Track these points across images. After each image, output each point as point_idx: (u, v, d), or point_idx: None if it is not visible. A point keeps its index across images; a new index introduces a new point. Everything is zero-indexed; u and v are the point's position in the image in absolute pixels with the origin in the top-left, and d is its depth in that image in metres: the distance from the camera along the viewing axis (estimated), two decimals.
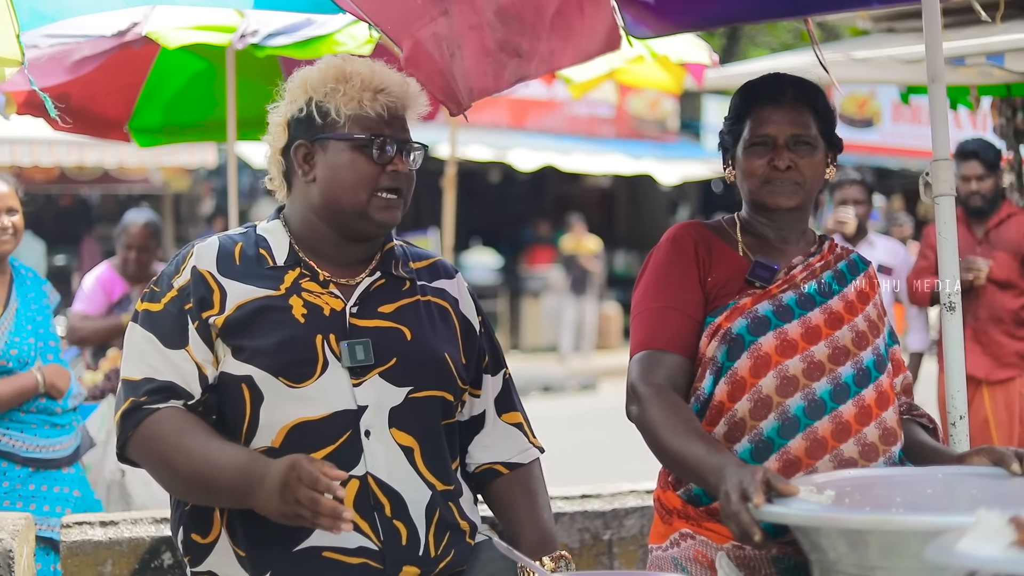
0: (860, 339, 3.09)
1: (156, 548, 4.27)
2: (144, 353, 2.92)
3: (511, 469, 3.20)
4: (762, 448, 2.98)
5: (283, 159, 3.03)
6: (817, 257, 3.19)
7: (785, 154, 3.10)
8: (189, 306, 2.92)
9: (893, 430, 3.06)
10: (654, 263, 3.20)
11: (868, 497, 2.71)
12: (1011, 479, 2.84)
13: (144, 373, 2.89)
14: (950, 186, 3.32)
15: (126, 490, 5.84)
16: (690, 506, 3.09)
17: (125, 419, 2.88)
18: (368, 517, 2.87)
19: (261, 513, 2.72)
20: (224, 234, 3.07)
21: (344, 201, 2.95)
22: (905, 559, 2.43)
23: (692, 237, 3.18)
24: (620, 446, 12.56)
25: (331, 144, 2.95)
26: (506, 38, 2.71)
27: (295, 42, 5.40)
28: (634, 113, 23.26)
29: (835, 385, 3.02)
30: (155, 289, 2.99)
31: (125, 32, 5.24)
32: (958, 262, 3.33)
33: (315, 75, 2.98)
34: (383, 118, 2.96)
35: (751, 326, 3.04)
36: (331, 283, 2.99)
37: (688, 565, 3.06)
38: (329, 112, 2.94)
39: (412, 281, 3.09)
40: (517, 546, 3.07)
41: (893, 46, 8.47)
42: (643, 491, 4.78)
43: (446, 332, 3.09)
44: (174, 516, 3.01)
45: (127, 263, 7.49)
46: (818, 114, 3.13)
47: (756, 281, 3.11)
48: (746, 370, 3.02)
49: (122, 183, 18.61)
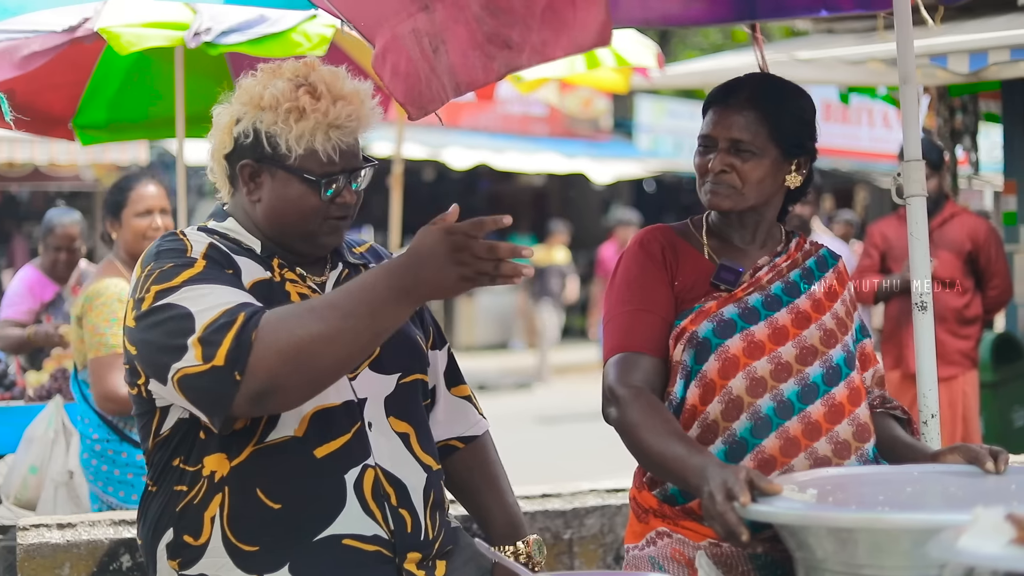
0: (828, 337, 3.10)
1: (115, 550, 4.21)
2: (223, 293, 2.70)
3: (466, 443, 3.23)
4: (736, 448, 2.99)
5: (227, 163, 2.92)
6: (783, 257, 3.20)
7: (722, 157, 3.10)
8: (229, 272, 2.79)
9: (866, 426, 3.08)
10: (623, 267, 3.20)
11: (850, 495, 2.72)
12: (986, 476, 2.87)
13: (235, 300, 2.68)
14: (921, 186, 3.35)
15: (74, 491, 5.74)
16: (666, 505, 3.10)
17: (244, 327, 2.61)
18: (381, 507, 2.85)
19: (430, 294, 2.59)
20: (180, 230, 2.93)
21: (289, 228, 2.89)
22: (893, 557, 2.45)
23: (659, 241, 3.18)
24: (552, 445, 12.64)
25: (280, 173, 2.85)
26: (495, 30, 2.68)
27: (249, 40, 5.35)
28: (568, 112, 23.31)
29: (803, 386, 3.03)
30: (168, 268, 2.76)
31: (76, 28, 5.15)
32: (929, 261, 3.36)
33: (268, 99, 2.83)
34: (333, 157, 2.84)
35: (717, 329, 3.05)
36: (307, 278, 2.95)
37: (665, 564, 3.07)
38: (279, 145, 2.82)
39: (366, 267, 3.07)
40: (487, 531, 3.14)
41: (833, 47, 8.56)
42: (603, 490, 4.79)
43: None
44: (148, 518, 2.91)
45: (56, 264, 7.41)
46: (771, 120, 3.10)
47: (721, 284, 3.12)
48: (715, 372, 3.03)
49: (53, 180, 18.35)
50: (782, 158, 3.12)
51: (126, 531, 4.25)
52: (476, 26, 2.75)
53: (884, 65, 7.77)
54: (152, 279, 2.76)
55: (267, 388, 2.62)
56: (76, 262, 7.46)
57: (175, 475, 2.86)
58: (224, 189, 2.98)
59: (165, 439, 2.87)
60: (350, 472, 2.83)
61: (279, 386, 2.63)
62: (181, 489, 2.84)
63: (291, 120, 2.80)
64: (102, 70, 6.59)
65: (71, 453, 5.82)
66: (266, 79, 2.87)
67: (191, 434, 2.84)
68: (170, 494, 2.86)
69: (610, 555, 4.69)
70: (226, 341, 2.61)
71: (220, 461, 2.82)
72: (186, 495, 2.84)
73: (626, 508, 4.72)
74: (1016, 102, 8.86)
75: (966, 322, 7.52)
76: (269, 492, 2.80)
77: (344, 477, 2.83)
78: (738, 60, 9.19)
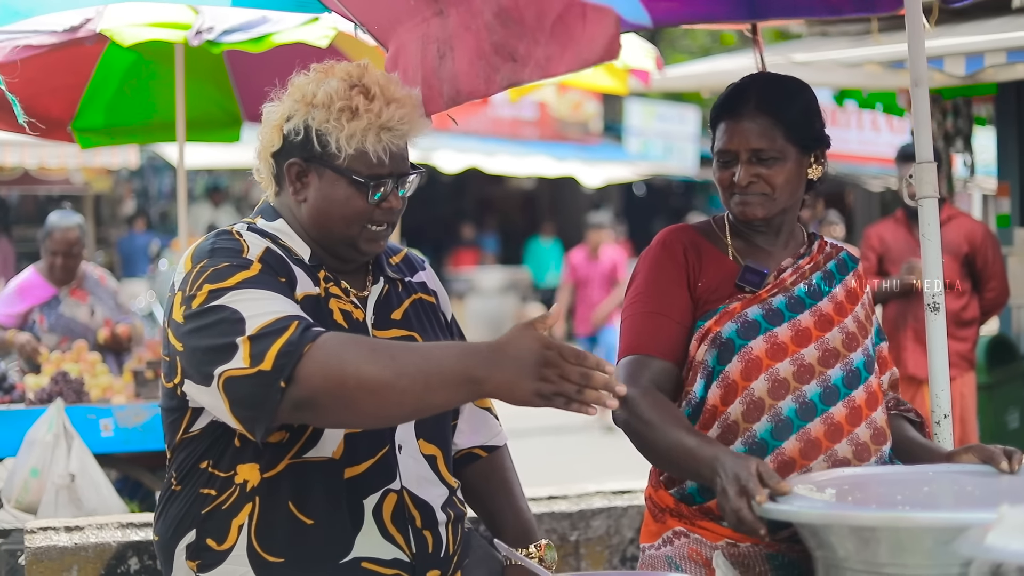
0: (850, 340, 3.11)
1: (122, 553, 4.21)
2: (277, 301, 2.67)
3: (488, 452, 3.22)
4: (756, 450, 2.99)
5: (274, 162, 2.90)
6: (807, 259, 3.20)
7: (747, 169, 3.09)
8: (282, 280, 2.76)
9: (883, 429, 3.09)
10: (643, 267, 3.20)
11: (869, 495, 2.73)
12: (1000, 476, 2.88)
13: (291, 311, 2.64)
14: (933, 188, 3.35)
15: (76, 495, 5.74)
16: (683, 504, 3.10)
17: (301, 336, 2.57)
18: (403, 530, 2.85)
19: (497, 394, 2.49)
20: (236, 227, 2.88)
21: (334, 231, 2.86)
22: (916, 556, 2.45)
23: (681, 242, 3.17)
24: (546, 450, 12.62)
25: (327, 173, 2.83)
26: (503, 41, 2.67)
27: (251, 39, 5.36)
28: (557, 115, 23.32)
29: (824, 388, 3.04)
30: (223, 266, 2.71)
31: (78, 28, 5.17)
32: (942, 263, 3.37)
33: (321, 96, 2.80)
34: (383, 159, 2.82)
35: (741, 330, 3.05)
36: (350, 292, 2.92)
37: (682, 563, 3.07)
38: (329, 144, 2.79)
39: (402, 280, 3.07)
40: (500, 536, 3.12)
41: (827, 50, 8.58)
42: (609, 492, 4.80)
43: (440, 330, 3.09)
44: (168, 517, 2.89)
45: (53, 267, 7.40)
46: (785, 121, 3.09)
47: (746, 286, 3.12)
48: (737, 373, 3.03)
49: (42, 184, 18.33)
50: (802, 155, 3.12)
51: (134, 534, 4.25)
52: (485, 35, 2.74)
53: (881, 68, 7.79)
54: (206, 276, 2.71)
55: (307, 401, 2.57)
56: (75, 266, 7.45)
57: (203, 478, 2.83)
58: (270, 188, 2.93)
59: (194, 439, 2.84)
60: (369, 498, 2.83)
61: (318, 404, 2.58)
62: (209, 493, 2.82)
63: (343, 119, 2.78)
64: (101, 73, 6.61)
65: (72, 456, 5.82)
66: (319, 77, 2.85)
67: (224, 439, 2.80)
68: (195, 496, 2.84)
69: (616, 556, 4.70)
70: (275, 346, 2.57)
71: (252, 471, 2.80)
72: (214, 499, 2.82)
73: (632, 510, 4.73)
74: (1009, 105, 8.89)
75: (964, 324, 7.54)
76: (302, 507, 2.80)
77: (363, 502, 2.83)
78: (731, 63, 9.21)
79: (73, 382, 6.40)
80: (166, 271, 15.15)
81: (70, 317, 7.37)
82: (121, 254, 19.55)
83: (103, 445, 6.14)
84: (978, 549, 2.02)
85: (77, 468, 5.79)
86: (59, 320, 7.36)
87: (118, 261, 19.46)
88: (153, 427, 6.20)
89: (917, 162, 3.37)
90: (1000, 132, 9.08)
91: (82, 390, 6.40)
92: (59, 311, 7.40)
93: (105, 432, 6.18)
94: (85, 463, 5.86)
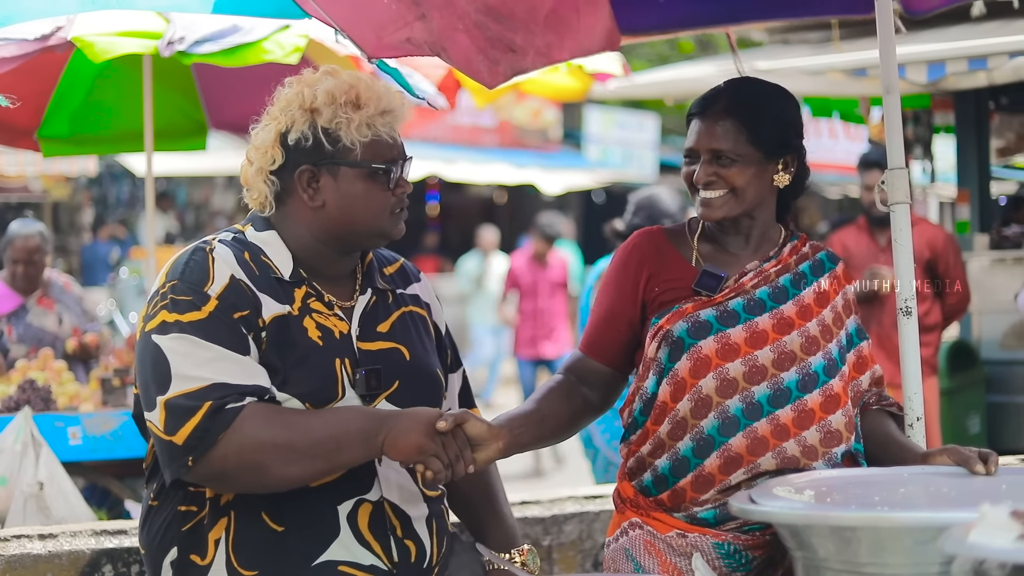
0: (810, 344, 3.14)
1: (97, 560, 4.19)
2: (208, 362, 2.75)
3: None
4: (704, 445, 3.07)
5: (276, 178, 2.91)
6: (773, 262, 3.22)
7: (705, 168, 3.15)
8: (241, 315, 2.80)
9: (838, 432, 3.12)
10: (608, 269, 3.32)
11: (847, 496, 2.77)
12: (974, 477, 2.92)
13: (213, 379, 2.73)
14: (905, 194, 3.40)
15: (44, 503, 5.71)
16: (640, 496, 3.18)
17: (211, 421, 2.69)
18: (382, 539, 2.89)
19: (390, 455, 2.79)
20: (218, 240, 2.92)
21: (359, 226, 2.91)
22: (896, 555, 2.50)
23: (641, 248, 3.25)
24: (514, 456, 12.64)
25: (342, 171, 2.87)
26: (499, 35, 2.71)
27: (222, 49, 5.36)
28: (517, 123, 23.36)
29: (775, 390, 3.09)
30: (182, 298, 2.80)
31: (48, 36, 5.15)
32: (912, 268, 3.42)
33: (322, 97, 2.86)
34: (396, 139, 2.91)
35: (691, 329, 3.11)
36: (335, 305, 2.95)
37: (637, 554, 3.15)
38: (340, 139, 2.85)
39: (393, 292, 3.09)
40: (483, 541, 3.17)
41: (788, 57, 8.65)
42: (581, 497, 4.82)
43: (430, 344, 3.12)
44: (152, 532, 2.92)
45: (15, 277, 7.36)
46: (749, 125, 3.13)
47: (702, 291, 3.16)
48: (686, 371, 3.10)
49: (1, 191, 18.22)
50: (765, 160, 3.16)
51: (108, 541, 4.23)
52: (478, 32, 2.78)
53: (844, 76, 7.87)
54: (165, 303, 2.81)
55: (215, 477, 2.76)
56: (38, 274, 7.41)
57: (178, 495, 2.88)
58: (267, 208, 2.95)
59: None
60: (343, 504, 2.87)
61: (225, 480, 2.77)
62: (189, 509, 2.87)
63: (350, 110, 2.84)
64: (67, 81, 6.58)
65: (41, 464, 5.79)
66: (308, 84, 2.90)
67: None
68: (174, 513, 2.88)
69: (588, 561, 4.72)
70: (187, 426, 2.71)
71: None
72: (195, 515, 2.86)
73: (604, 514, 4.76)
74: (968, 113, 8.99)
75: (926, 330, 7.59)
76: (273, 515, 2.84)
77: (337, 508, 2.86)
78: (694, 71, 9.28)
79: (40, 390, 6.36)
80: (126, 279, 15.08)
81: (39, 327, 7.33)
82: (83, 262, 19.46)
83: (71, 453, 6.10)
84: (961, 546, 2.06)
85: (46, 476, 5.75)
86: (28, 330, 7.32)
87: (78, 269, 19.37)
88: (121, 435, 6.17)
89: (889, 168, 3.42)
90: (960, 139, 9.18)
91: (49, 398, 6.36)
92: (27, 321, 7.35)
93: (73, 440, 6.15)
94: (53, 471, 5.82)
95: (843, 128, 19.90)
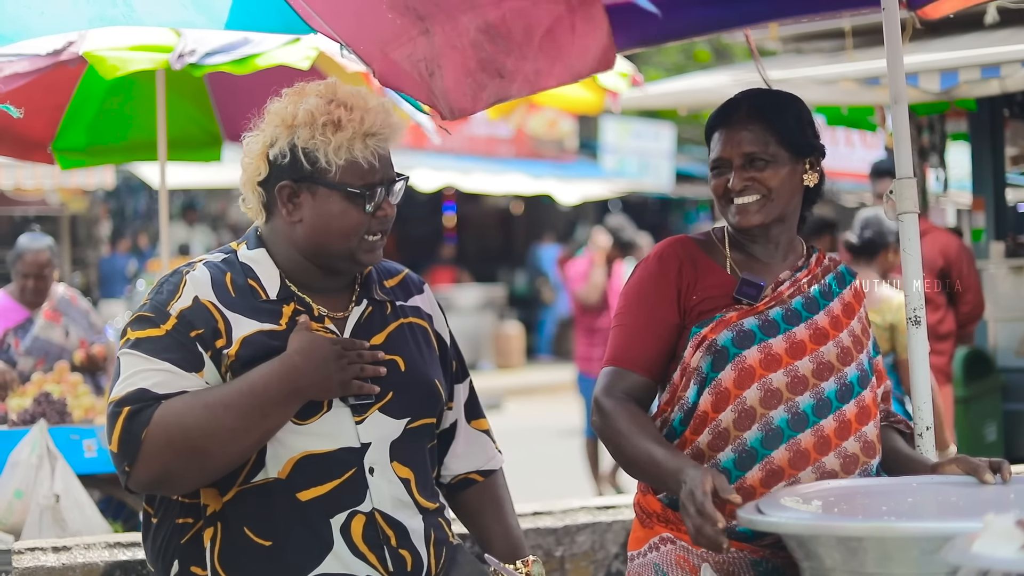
0: (844, 354, 3.14)
1: (110, 573, 4.22)
2: (142, 372, 2.80)
3: (485, 476, 3.25)
4: (745, 458, 3.04)
5: (263, 190, 2.93)
6: (804, 272, 3.23)
7: (740, 174, 3.14)
8: (197, 333, 2.83)
9: (873, 444, 3.13)
10: (637, 279, 3.24)
11: (854, 506, 2.77)
12: (984, 487, 2.92)
13: (137, 385, 2.78)
14: (914, 203, 3.40)
15: (60, 515, 5.75)
16: (670, 510, 3.13)
17: (131, 423, 2.74)
18: (377, 550, 2.89)
19: (317, 394, 2.82)
20: (207, 261, 2.95)
21: (332, 246, 2.90)
22: (902, 565, 2.50)
23: (678, 256, 3.21)
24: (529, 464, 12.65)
25: (320, 190, 2.87)
26: (491, 57, 2.71)
27: (233, 60, 5.39)
28: (532, 133, 23.38)
29: (818, 400, 3.07)
30: (147, 315, 2.86)
31: (60, 51, 5.18)
32: (921, 277, 3.42)
33: (303, 115, 2.85)
34: (374, 164, 2.88)
35: (736, 339, 3.09)
36: (325, 318, 2.95)
37: (669, 570, 3.10)
38: (318, 160, 2.84)
39: (392, 303, 3.09)
40: (489, 551, 3.16)
41: (802, 67, 8.65)
42: (594, 507, 4.83)
43: (430, 355, 3.11)
44: (155, 548, 2.94)
45: (24, 291, 7.39)
46: (776, 127, 3.15)
47: (743, 299, 3.15)
48: (730, 381, 3.06)
49: (18, 204, 18.29)
50: (795, 160, 3.18)
51: (121, 553, 4.27)
52: (472, 52, 2.78)
53: (856, 84, 7.85)
54: (133, 319, 2.89)
55: (157, 479, 2.79)
56: (46, 288, 7.44)
57: (175, 508, 2.90)
58: (259, 217, 2.98)
59: None
60: (336, 517, 2.87)
61: (170, 477, 2.79)
62: (186, 521, 2.88)
63: (328, 132, 2.83)
64: (82, 93, 6.60)
65: (56, 477, 5.82)
66: (294, 99, 2.90)
67: None
68: (173, 527, 2.90)
69: (601, 571, 4.73)
70: (116, 430, 2.77)
71: (214, 496, 2.87)
72: (191, 527, 2.88)
73: (617, 525, 4.76)
74: (983, 120, 8.97)
75: (940, 338, 7.59)
76: (257, 530, 2.85)
77: (330, 522, 2.86)
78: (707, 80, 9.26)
79: (56, 403, 6.39)
80: (143, 291, 15.14)
81: (45, 339, 7.35)
82: (101, 274, 19.53)
83: (86, 466, 6.13)
84: (965, 557, 2.06)
85: (61, 489, 5.79)
86: (35, 342, 7.34)
87: (96, 281, 19.43)
88: None
89: (897, 178, 3.42)
90: (975, 147, 9.16)
91: (65, 411, 6.39)
92: (34, 333, 7.38)
93: (88, 452, 6.18)
94: (69, 484, 5.86)
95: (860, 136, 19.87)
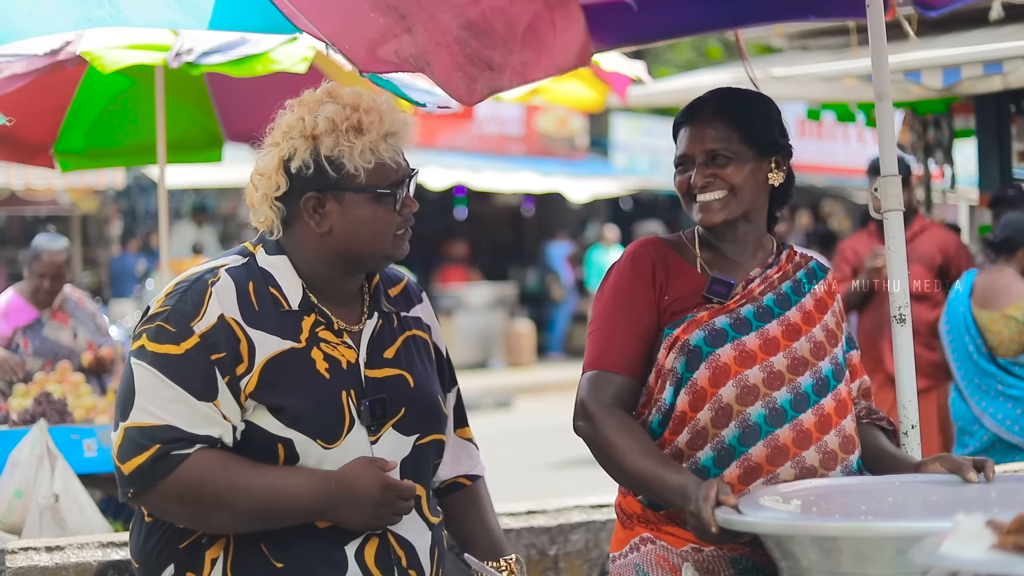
0: (818, 349, 3.14)
1: (103, 572, 4.22)
2: (168, 401, 2.77)
3: (472, 480, 3.27)
4: (724, 455, 3.03)
5: (282, 204, 2.89)
6: (775, 269, 3.23)
7: (701, 171, 3.15)
8: (218, 357, 2.78)
9: (852, 438, 3.12)
10: (612, 281, 3.23)
11: (834, 506, 2.77)
12: (967, 485, 2.91)
13: (167, 420, 2.76)
14: (898, 201, 3.39)
15: (60, 515, 5.75)
16: (650, 510, 3.14)
17: (154, 465, 2.73)
18: (387, 571, 2.90)
19: (338, 523, 2.82)
20: (228, 267, 2.90)
21: (365, 250, 2.90)
22: (877, 565, 2.50)
23: (650, 256, 3.21)
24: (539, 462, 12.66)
25: (348, 196, 2.85)
26: (477, 52, 2.73)
27: (231, 60, 5.40)
28: (543, 131, 23.37)
29: (795, 394, 3.07)
30: (167, 328, 2.80)
31: (58, 51, 5.19)
32: (907, 274, 3.41)
33: (323, 124, 2.82)
34: (399, 163, 2.88)
35: (708, 338, 3.09)
36: (344, 332, 2.94)
37: (650, 570, 3.11)
38: (344, 166, 2.82)
39: (398, 315, 3.08)
40: (471, 551, 3.17)
41: (807, 63, 8.64)
42: (587, 506, 4.82)
43: (432, 369, 3.12)
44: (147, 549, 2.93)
45: (39, 291, 7.40)
46: (740, 124, 3.16)
47: (714, 298, 3.15)
48: (705, 380, 3.06)
49: (29, 204, 18.36)
50: (759, 158, 3.18)
51: (115, 553, 4.27)
52: (458, 48, 2.80)
53: (859, 81, 7.85)
54: (153, 326, 2.82)
55: (155, 511, 2.85)
56: (60, 289, 7.47)
57: None
58: (276, 231, 2.93)
59: None
60: (351, 544, 2.87)
61: (166, 517, 2.85)
62: (186, 527, 2.87)
63: (352, 137, 2.82)
64: (82, 97, 6.63)
65: (56, 476, 5.84)
66: (307, 110, 2.87)
67: None
68: (171, 530, 2.88)
69: (595, 570, 4.73)
70: (135, 461, 2.76)
71: None
72: (192, 533, 2.87)
73: (611, 523, 4.76)
74: (989, 116, 8.94)
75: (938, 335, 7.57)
76: (272, 550, 2.85)
77: (344, 548, 2.87)
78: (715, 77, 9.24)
79: (56, 403, 6.41)
80: (152, 291, 15.17)
81: (54, 340, 7.38)
82: (112, 274, 19.58)
83: (87, 465, 6.14)
84: (932, 558, 2.06)
85: (61, 488, 5.80)
86: (44, 343, 7.37)
87: (107, 281, 19.48)
88: None
89: (882, 175, 3.42)
90: (981, 143, 9.13)
91: (65, 410, 6.41)
92: (43, 334, 7.40)
93: (88, 452, 6.19)
94: (69, 483, 5.87)
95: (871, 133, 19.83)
